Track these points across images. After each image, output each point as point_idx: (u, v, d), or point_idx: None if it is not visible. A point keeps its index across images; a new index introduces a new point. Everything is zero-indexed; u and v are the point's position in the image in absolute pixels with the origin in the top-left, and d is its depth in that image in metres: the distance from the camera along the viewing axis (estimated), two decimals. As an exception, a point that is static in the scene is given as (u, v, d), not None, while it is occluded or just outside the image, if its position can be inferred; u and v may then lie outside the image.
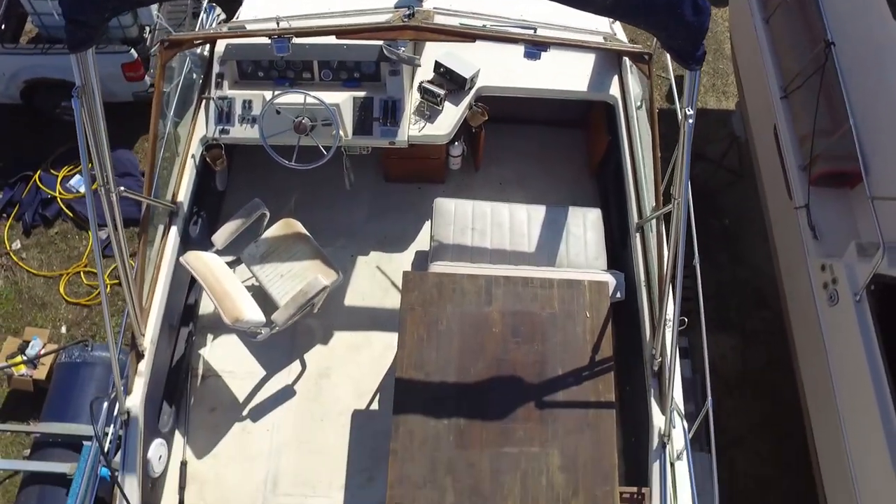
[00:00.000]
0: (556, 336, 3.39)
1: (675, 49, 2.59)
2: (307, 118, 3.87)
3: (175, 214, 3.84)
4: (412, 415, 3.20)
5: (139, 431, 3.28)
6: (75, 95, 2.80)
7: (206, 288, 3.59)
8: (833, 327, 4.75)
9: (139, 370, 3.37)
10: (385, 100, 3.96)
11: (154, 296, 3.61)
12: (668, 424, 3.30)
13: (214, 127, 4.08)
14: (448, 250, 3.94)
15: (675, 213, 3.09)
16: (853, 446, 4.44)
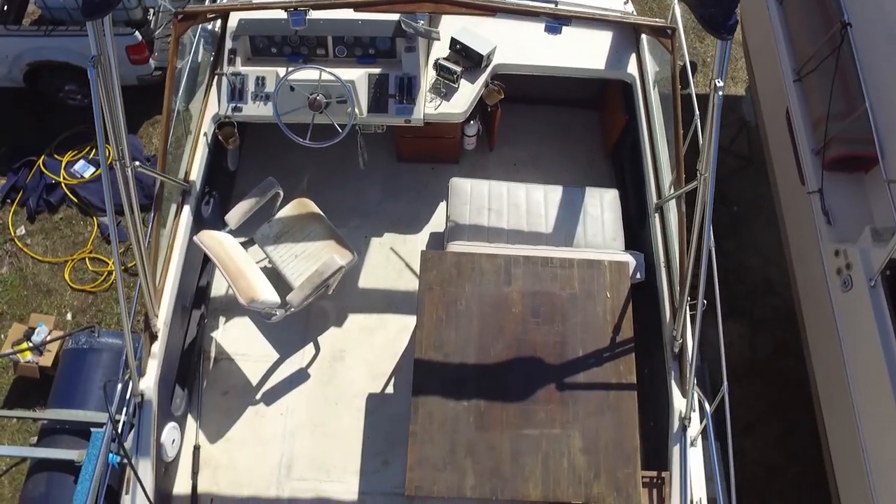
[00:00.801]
0: (576, 316, 3.34)
1: (706, 18, 2.54)
2: (322, 95, 3.80)
3: (188, 193, 3.78)
4: (431, 396, 3.16)
5: (153, 414, 3.24)
6: (91, 65, 2.73)
7: (220, 268, 3.54)
8: (847, 313, 4.69)
9: (152, 352, 3.33)
10: (401, 76, 3.89)
11: (167, 276, 3.56)
12: (689, 408, 3.26)
13: (227, 104, 4.02)
14: (465, 230, 3.89)
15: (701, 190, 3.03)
16: (868, 436, 4.39)
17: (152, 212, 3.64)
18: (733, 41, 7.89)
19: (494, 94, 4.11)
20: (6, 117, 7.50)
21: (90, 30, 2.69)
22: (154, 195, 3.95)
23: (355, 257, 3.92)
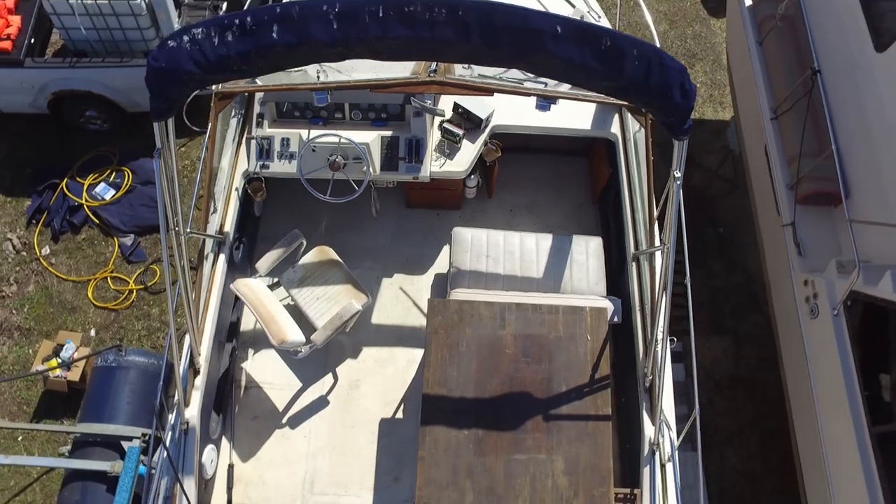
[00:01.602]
0: (560, 356, 3.86)
1: (665, 124, 2.97)
2: (340, 157, 4.29)
3: (223, 244, 4.25)
4: (437, 426, 3.71)
5: (196, 439, 3.74)
6: (157, 156, 3.19)
7: (254, 313, 4.04)
8: (813, 339, 5.18)
9: (196, 384, 3.82)
10: (409, 139, 4.40)
11: (207, 317, 4.04)
12: (657, 434, 3.76)
13: (256, 162, 4.48)
14: (465, 276, 4.42)
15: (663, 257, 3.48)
16: (830, 451, 4.89)
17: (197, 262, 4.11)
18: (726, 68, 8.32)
19: (493, 152, 4.62)
20: (30, 142, 7.96)
21: (156, 128, 3.15)
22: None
23: (369, 299, 4.42)
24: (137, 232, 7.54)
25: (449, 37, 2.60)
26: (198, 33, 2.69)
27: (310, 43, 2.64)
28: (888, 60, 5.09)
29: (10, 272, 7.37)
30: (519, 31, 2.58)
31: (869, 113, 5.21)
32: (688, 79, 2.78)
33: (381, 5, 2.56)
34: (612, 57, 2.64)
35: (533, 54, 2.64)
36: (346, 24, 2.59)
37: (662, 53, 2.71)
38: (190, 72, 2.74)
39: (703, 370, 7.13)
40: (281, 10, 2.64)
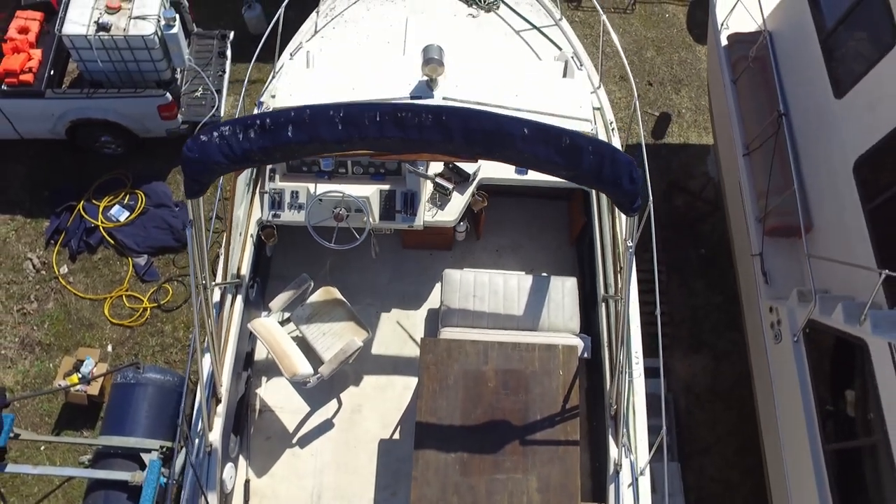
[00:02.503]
0: (536, 389, 4.41)
1: (616, 203, 3.49)
2: (343, 209, 4.83)
3: (240, 286, 4.77)
4: (428, 450, 4.29)
5: (218, 459, 4.27)
6: (189, 227, 3.71)
7: (269, 349, 4.57)
8: (777, 362, 5.70)
9: (218, 412, 4.35)
10: (405, 192, 4.95)
11: (226, 352, 4.56)
12: (620, 455, 4.29)
13: (268, 212, 5.00)
14: (455, 315, 4.98)
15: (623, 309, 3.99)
16: (789, 464, 5.41)
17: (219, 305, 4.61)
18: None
19: (480, 202, 5.16)
20: (48, 165, 8.46)
21: (189, 204, 3.67)
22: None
23: (370, 334, 4.95)
24: (150, 252, 8.05)
25: (435, 138, 3.13)
26: (225, 131, 3.21)
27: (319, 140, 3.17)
28: (846, 106, 5.60)
29: (31, 290, 7.88)
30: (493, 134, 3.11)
31: (829, 154, 5.73)
32: (635, 169, 3.29)
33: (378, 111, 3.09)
34: (571, 153, 3.16)
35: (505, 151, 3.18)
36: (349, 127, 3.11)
37: (614, 149, 3.24)
38: (219, 162, 3.26)
39: (683, 384, 7.64)
40: (295, 113, 3.16)
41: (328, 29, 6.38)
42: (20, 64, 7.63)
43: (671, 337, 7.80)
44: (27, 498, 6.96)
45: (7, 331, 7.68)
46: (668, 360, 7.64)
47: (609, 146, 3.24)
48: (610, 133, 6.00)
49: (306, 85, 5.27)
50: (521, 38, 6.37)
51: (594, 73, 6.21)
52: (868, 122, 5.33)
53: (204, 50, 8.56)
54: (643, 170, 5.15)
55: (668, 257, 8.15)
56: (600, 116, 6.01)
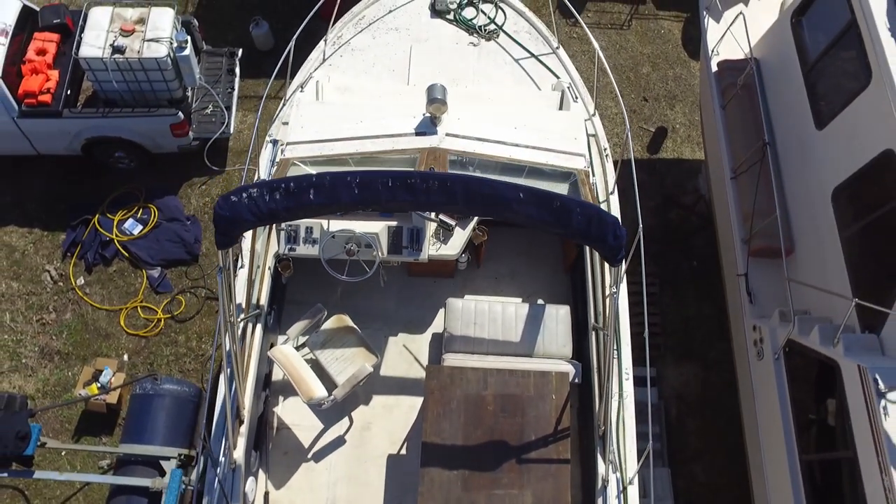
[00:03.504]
0: (531, 412, 4.87)
1: (602, 255, 3.92)
2: (354, 245, 5.26)
3: (259, 316, 5.20)
4: (433, 467, 4.77)
5: (242, 474, 4.72)
6: (219, 273, 4.13)
7: (287, 375, 5.02)
8: (758, 377, 6.14)
9: (241, 431, 4.79)
10: (411, 228, 5.39)
11: (248, 376, 4.99)
12: (608, 471, 4.75)
13: (285, 246, 5.41)
14: (457, 341, 5.45)
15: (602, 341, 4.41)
16: (769, 472, 5.86)
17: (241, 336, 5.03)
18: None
19: (480, 236, 5.60)
20: (64, 180, 8.86)
21: (220, 254, 4.09)
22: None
23: (379, 359, 5.39)
24: (164, 265, 8.47)
25: (440, 200, 3.56)
26: (253, 192, 3.64)
27: (337, 203, 3.59)
28: (826, 138, 6.01)
29: (49, 301, 8.31)
30: (492, 197, 3.54)
31: (810, 182, 6.14)
32: (619, 227, 3.72)
33: (389, 178, 3.51)
34: (561, 214, 3.58)
35: (503, 212, 3.61)
36: (364, 191, 3.54)
37: (600, 210, 3.67)
38: (247, 219, 3.69)
39: (674, 392, 8.08)
40: (316, 178, 3.58)
41: (335, 57, 6.77)
42: (39, 85, 8.01)
43: (663, 347, 8.23)
44: (50, 500, 7.40)
45: (27, 340, 8.11)
46: (660, 369, 8.07)
47: (595, 208, 3.67)
48: (604, 158, 6.41)
49: (317, 118, 5.68)
50: (521, 66, 6.76)
51: (589, 101, 6.61)
52: (845, 154, 5.74)
53: (213, 67, 8.95)
54: (634, 193, 5.58)
55: (661, 270, 8.57)
56: (595, 143, 6.41)
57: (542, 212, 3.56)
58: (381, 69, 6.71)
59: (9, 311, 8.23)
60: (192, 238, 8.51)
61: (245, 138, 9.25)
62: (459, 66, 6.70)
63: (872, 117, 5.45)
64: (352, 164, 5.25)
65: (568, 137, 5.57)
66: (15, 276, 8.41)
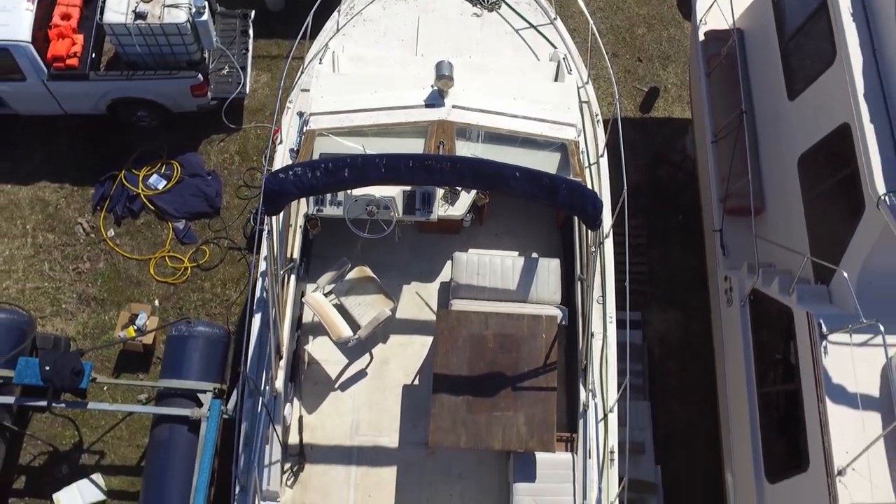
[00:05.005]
0: (524, 348, 5.85)
1: (583, 221, 4.79)
2: (374, 207, 6.14)
3: (293, 268, 6.10)
4: (443, 394, 5.81)
5: (281, 401, 5.72)
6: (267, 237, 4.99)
7: (320, 318, 5.98)
8: (727, 321, 7.09)
9: (280, 365, 5.77)
10: (423, 192, 6.32)
11: (285, 319, 5.93)
12: (588, 398, 5.82)
13: (313, 207, 6.28)
14: (462, 289, 6.45)
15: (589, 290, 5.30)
16: (732, 403, 6.87)
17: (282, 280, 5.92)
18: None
19: (483, 198, 6.46)
20: (90, 138, 9.60)
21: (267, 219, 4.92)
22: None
23: (395, 304, 6.32)
24: (188, 217, 9.31)
25: (452, 178, 4.42)
26: (298, 171, 4.49)
27: (366, 179, 4.46)
28: (796, 108, 6.78)
29: (83, 251, 9.18)
30: (493, 176, 4.39)
31: (780, 148, 6.94)
32: (597, 199, 4.60)
33: (410, 160, 4.37)
34: (550, 190, 4.44)
35: (502, 187, 4.48)
36: (389, 170, 4.40)
37: (582, 186, 4.56)
38: (291, 192, 4.56)
39: (658, 335, 9.04)
40: (350, 160, 4.45)
41: (349, 27, 7.46)
42: (66, 49, 8.68)
43: (650, 294, 9.15)
44: (96, 430, 8.46)
45: (66, 287, 9.02)
46: (645, 314, 9.01)
47: (578, 184, 4.55)
48: (595, 123, 7.19)
49: (335, 89, 6.44)
50: (520, 36, 7.47)
51: (584, 70, 7.34)
52: (811, 124, 6.53)
53: (228, 29, 9.59)
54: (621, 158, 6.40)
55: (649, 223, 9.43)
56: (587, 109, 7.18)
57: (534, 187, 4.43)
58: (391, 39, 7.41)
59: (47, 261, 9.11)
60: (214, 192, 9.33)
61: (260, 97, 9.95)
62: (463, 36, 7.40)
63: (835, 93, 6.21)
64: (369, 134, 6.06)
65: (561, 107, 6.36)
66: (50, 228, 9.26)
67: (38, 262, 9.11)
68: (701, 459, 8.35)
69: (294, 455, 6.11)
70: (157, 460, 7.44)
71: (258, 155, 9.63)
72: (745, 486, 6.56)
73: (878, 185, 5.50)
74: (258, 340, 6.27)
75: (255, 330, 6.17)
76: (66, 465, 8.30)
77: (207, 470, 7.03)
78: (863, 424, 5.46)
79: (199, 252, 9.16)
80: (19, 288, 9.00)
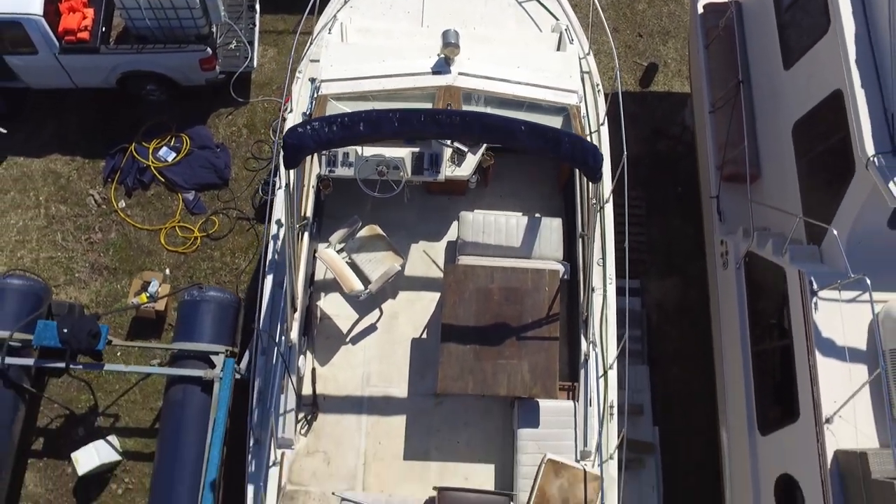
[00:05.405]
0: (528, 301, 6.21)
1: (584, 174, 5.06)
2: (384, 167, 6.42)
3: (306, 225, 6.38)
4: (451, 343, 6.16)
5: (296, 352, 6.03)
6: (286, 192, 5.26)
7: (333, 272, 6.30)
8: (723, 284, 7.38)
9: (295, 318, 6.07)
10: (431, 153, 6.60)
11: (299, 273, 6.22)
12: (589, 348, 6.16)
13: (325, 168, 6.55)
14: (468, 246, 6.77)
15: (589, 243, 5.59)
16: (727, 361, 7.18)
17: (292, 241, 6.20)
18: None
19: (488, 160, 6.73)
20: (100, 112, 9.83)
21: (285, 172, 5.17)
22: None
23: (404, 260, 6.62)
24: (197, 188, 9.56)
25: (461, 131, 4.68)
26: (315, 125, 4.75)
27: (380, 133, 4.73)
28: (791, 77, 7.04)
29: (95, 222, 9.44)
30: (501, 129, 4.66)
31: (776, 116, 7.20)
32: (597, 152, 4.86)
33: (422, 114, 4.62)
34: (553, 142, 4.70)
35: (509, 140, 4.75)
36: (402, 124, 4.66)
37: (583, 140, 4.82)
38: (309, 146, 4.82)
39: (656, 302, 9.33)
40: (365, 115, 4.71)
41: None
42: (77, 23, 8.90)
43: (649, 262, 9.44)
44: (110, 394, 8.76)
45: (78, 257, 9.29)
46: (644, 282, 9.30)
47: (579, 137, 4.81)
48: (596, 93, 7.45)
49: (344, 58, 6.69)
50: (523, 8, 7.70)
51: (585, 41, 7.58)
52: (805, 92, 6.79)
53: (235, 4, 9.79)
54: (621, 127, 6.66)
55: (649, 194, 9.70)
56: (588, 79, 7.43)
57: (539, 140, 4.70)
58: (398, 11, 7.64)
59: (59, 232, 9.38)
60: (223, 164, 9.58)
61: (266, 72, 10.18)
62: (468, 9, 7.63)
63: (828, 61, 6.47)
64: (379, 100, 6.31)
65: (563, 76, 6.61)
66: (62, 199, 9.52)
67: (51, 232, 9.37)
68: (698, 422, 8.66)
69: (308, 405, 6.43)
70: (172, 420, 7.74)
71: (265, 128, 9.86)
72: (739, 440, 6.88)
73: (868, 147, 5.77)
74: (270, 299, 6.59)
75: (268, 288, 6.47)
76: (82, 428, 8.61)
77: (222, 426, 7.35)
78: (850, 375, 5.76)
79: (208, 222, 9.43)
80: (33, 257, 9.27)
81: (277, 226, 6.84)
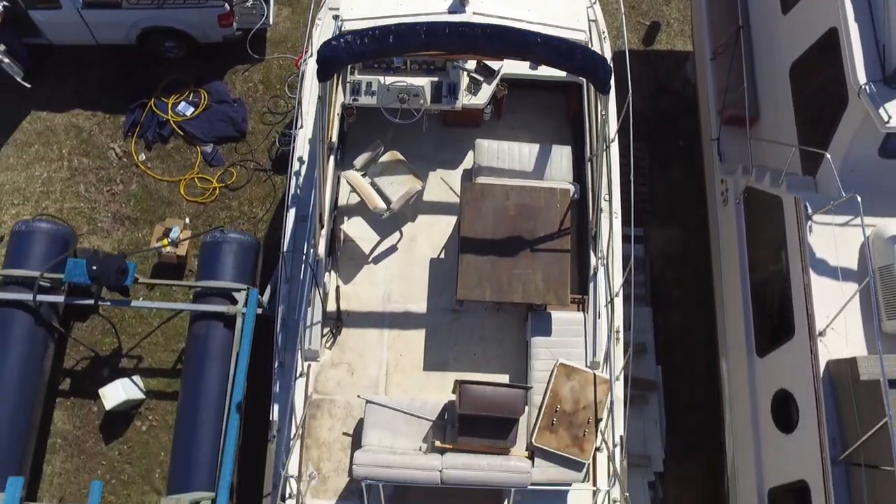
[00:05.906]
0: (541, 217, 6.76)
1: (595, 85, 5.45)
2: (405, 94, 6.85)
3: (332, 148, 6.81)
4: (468, 254, 6.67)
5: (322, 268, 6.47)
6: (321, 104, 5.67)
7: (358, 191, 6.78)
8: (723, 219, 7.77)
9: (322, 234, 6.64)
10: (449, 83, 7.07)
11: (325, 195, 6.66)
12: (598, 262, 6.72)
13: (349, 97, 6.96)
14: (484, 170, 7.27)
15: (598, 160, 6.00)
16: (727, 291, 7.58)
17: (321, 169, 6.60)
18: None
19: (501, 90, 7.18)
20: (121, 68, 10.20)
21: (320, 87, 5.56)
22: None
23: (423, 183, 7.06)
24: (215, 141, 9.94)
25: (483, 44, 5.09)
26: (348, 38, 5.13)
27: (408, 46, 5.11)
28: (789, 21, 7.41)
29: (117, 174, 9.82)
30: (519, 41, 5.06)
31: (774, 59, 7.58)
32: (607, 63, 5.27)
33: (447, 27, 5.02)
34: (566, 54, 5.11)
35: (526, 52, 5.16)
36: (429, 38, 5.07)
37: (593, 51, 5.21)
38: (342, 58, 5.20)
39: (659, 249, 9.73)
40: (395, 27, 5.11)
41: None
42: (100, -23, 9.24)
43: (652, 213, 9.83)
44: (133, 336, 9.16)
45: (101, 208, 9.68)
46: (647, 230, 9.70)
47: (590, 49, 5.21)
48: (602, 42, 7.83)
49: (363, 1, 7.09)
50: None
51: None
52: (802, 33, 7.17)
53: (254, -37, 10.12)
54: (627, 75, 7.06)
55: (652, 147, 10.08)
56: (594, 27, 7.82)
57: (553, 52, 5.10)
58: None
59: (82, 183, 9.76)
60: (240, 118, 9.95)
61: (281, 30, 10.54)
62: None
63: (824, 2, 6.84)
64: None
65: (571, 18, 7.02)
66: (84, 153, 9.89)
67: (73, 184, 9.75)
68: (699, 361, 9.07)
69: (332, 320, 6.89)
70: (196, 355, 8.14)
71: (281, 83, 10.23)
72: (738, 364, 7.29)
73: (860, 76, 6.15)
74: (292, 235, 7.00)
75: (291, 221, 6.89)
76: (107, 369, 9.01)
77: (246, 354, 7.75)
78: (842, 292, 6.16)
79: (226, 173, 9.81)
80: (58, 207, 9.65)
81: (300, 163, 7.23)
